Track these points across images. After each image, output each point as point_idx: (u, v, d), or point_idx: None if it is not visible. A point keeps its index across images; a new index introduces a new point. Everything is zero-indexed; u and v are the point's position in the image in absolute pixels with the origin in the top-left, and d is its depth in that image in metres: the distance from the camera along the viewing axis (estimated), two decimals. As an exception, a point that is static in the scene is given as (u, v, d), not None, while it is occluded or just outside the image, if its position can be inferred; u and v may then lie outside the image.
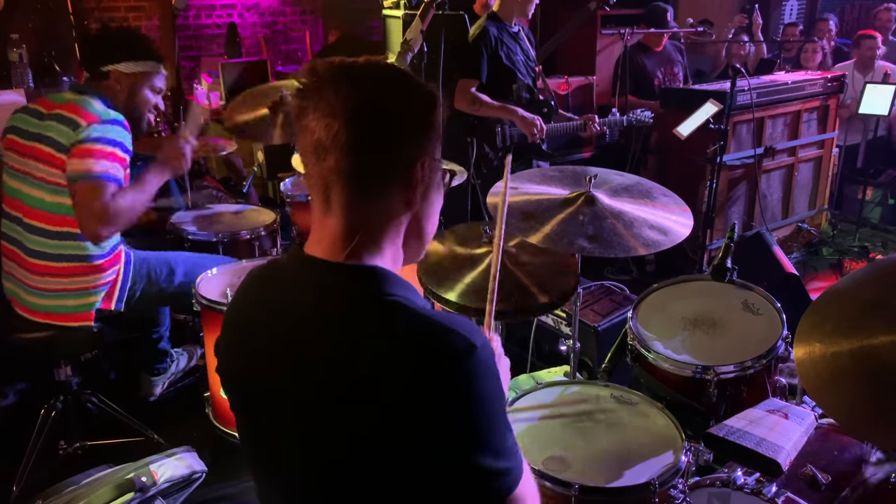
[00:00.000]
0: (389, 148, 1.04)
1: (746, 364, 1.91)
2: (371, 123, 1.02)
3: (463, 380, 0.95)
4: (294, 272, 1.11)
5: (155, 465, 2.04)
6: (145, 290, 2.68)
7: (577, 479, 1.61)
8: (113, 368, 3.27)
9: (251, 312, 1.14)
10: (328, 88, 1.02)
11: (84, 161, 2.34)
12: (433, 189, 1.12)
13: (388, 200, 1.06)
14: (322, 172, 1.04)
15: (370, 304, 1.02)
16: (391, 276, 1.06)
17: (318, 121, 1.01)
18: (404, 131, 1.05)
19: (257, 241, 3.16)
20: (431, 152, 1.09)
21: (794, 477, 1.78)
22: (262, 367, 1.08)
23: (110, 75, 2.54)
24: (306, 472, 1.05)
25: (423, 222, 1.14)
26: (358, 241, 1.05)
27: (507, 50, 3.64)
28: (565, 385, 2.02)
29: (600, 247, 1.98)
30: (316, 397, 1.00)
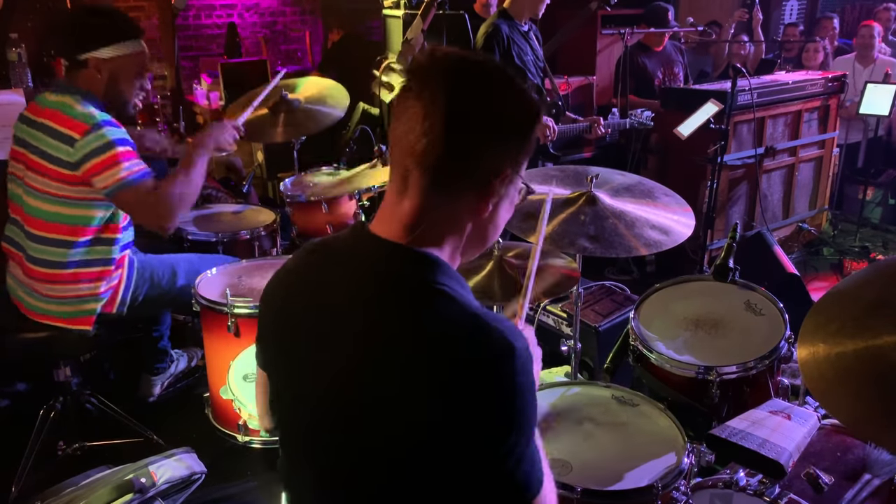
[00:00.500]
0: (478, 153, 1.04)
1: (749, 364, 1.91)
2: (467, 124, 1.02)
3: (501, 379, 0.96)
4: (356, 247, 1.12)
5: (154, 466, 2.03)
6: (148, 293, 2.66)
7: (580, 481, 1.60)
8: (112, 369, 3.26)
9: (300, 284, 1.15)
10: (437, 76, 1.02)
11: (108, 174, 2.31)
12: (506, 201, 1.12)
13: (461, 201, 1.07)
14: (407, 155, 1.04)
15: (417, 289, 1.03)
16: (445, 267, 1.07)
17: (419, 105, 1.02)
18: (496, 141, 1.05)
19: (257, 241, 3.15)
20: (517, 165, 1.09)
21: (796, 478, 1.77)
22: (306, 339, 1.09)
23: (88, 63, 2.41)
24: (337, 452, 1.06)
25: (487, 231, 1.14)
26: (423, 230, 1.06)
27: (519, 49, 3.61)
28: (567, 386, 2.01)
29: (601, 247, 1.97)
30: (355, 376, 1.01)
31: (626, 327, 2.13)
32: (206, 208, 3.49)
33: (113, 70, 2.43)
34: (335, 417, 1.05)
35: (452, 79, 1.02)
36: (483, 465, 0.97)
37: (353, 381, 1.02)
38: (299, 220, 3.31)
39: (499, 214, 1.13)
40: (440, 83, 1.01)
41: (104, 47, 2.40)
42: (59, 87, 2.45)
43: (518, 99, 1.07)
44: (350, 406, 1.03)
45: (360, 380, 1.01)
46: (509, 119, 1.05)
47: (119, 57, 2.43)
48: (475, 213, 1.08)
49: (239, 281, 2.60)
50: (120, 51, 2.43)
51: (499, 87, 1.05)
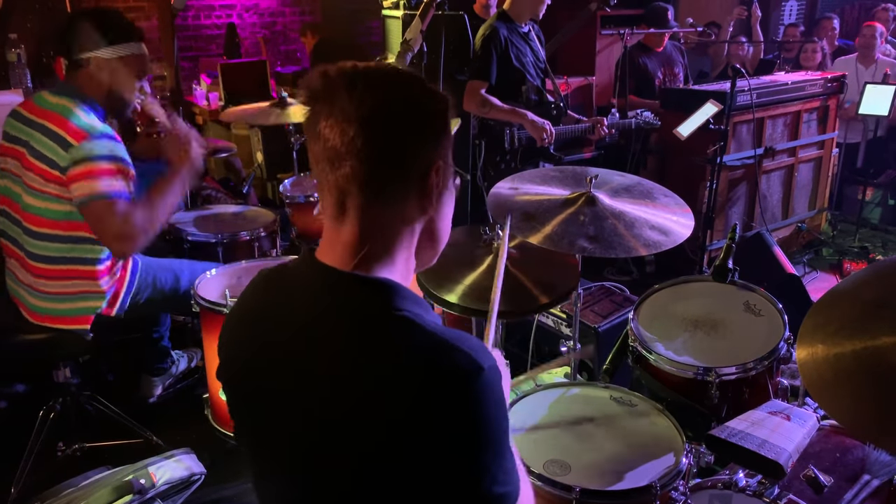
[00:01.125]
0: (406, 153, 1.02)
1: (748, 365, 1.91)
2: (387, 128, 1.00)
3: (468, 401, 0.94)
4: (304, 278, 1.09)
5: (154, 467, 2.03)
6: (150, 296, 2.66)
7: (578, 482, 1.60)
8: (112, 370, 3.26)
9: (256, 314, 1.13)
10: (341, 93, 0.99)
11: (86, 183, 2.30)
12: (446, 193, 1.11)
13: (404, 206, 1.05)
14: (337, 180, 1.01)
15: (378, 319, 1.00)
16: (401, 290, 1.04)
17: (331, 127, 0.99)
18: (420, 136, 1.03)
19: (257, 241, 3.16)
20: (445, 156, 1.07)
21: (796, 479, 1.77)
22: (264, 372, 1.07)
23: (89, 63, 2.40)
24: (308, 484, 1.04)
25: (438, 227, 1.12)
26: (369, 250, 1.03)
27: (517, 51, 3.61)
28: (566, 387, 2.00)
29: (601, 247, 1.97)
30: (319, 411, 0.99)
31: (626, 328, 2.12)
32: (206, 209, 3.50)
33: (113, 71, 2.43)
34: (303, 457, 1.03)
35: (358, 90, 0.99)
36: (457, 486, 0.95)
37: (317, 420, 0.99)
38: (299, 220, 3.31)
39: (444, 209, 1.11)
40: (345, 97, 0.99)
41: (105, 48, 2.40)
42: (59, 88, 2.44)
43: (427, 92, 1.06)
44: (317, 445, 1.00)
45: (325, 417, 0.98)
46: (423, 110, 1.04)
47: (119, 58, 2.43)
48: (422, 212, 1.06)
49: (238, 282, 2.61)
50: (120, 52, 2.42)
51: (402, 83, 1.04)
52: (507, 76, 3.57)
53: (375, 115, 0.99)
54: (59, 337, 2.51)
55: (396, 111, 1.01)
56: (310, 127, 1.02)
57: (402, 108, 1.02)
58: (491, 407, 0.95)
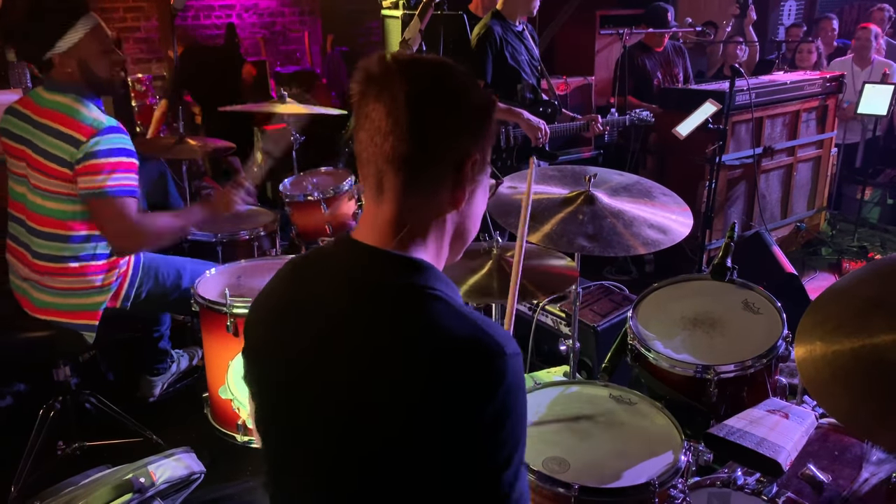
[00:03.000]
0: (445, 140, 1.05)
1: (747, 363, 1.91)
2: (430, 113, 1.03)
3: (493, 383, 0.96)
4: (338, 256, 1.12)
5: (153, 465, 2.03)
6: (151, 291, 2.67)
7: (577, 479, 1.60)
8: (111, 369, 3.26)
9: (289, 297, 1.15)
10: (393, 77, 1.03)
11: (95, 178, 2.30)
12: (479, 190, 1.13)
13: (438, 193, 1.07)
14: (377, 158, 1.05)
15: (411, 297, 1.03)
16: (435, 271, 1.07)
17: (378, 109, 1.03)
18: (461, 125, 1.06)
19: (256, 241, 3.16)
20: (483, 151, 1.10)
21: (794, 477, 1.78)
22: (295, 352, 1.09)
23: (53, 62, 2.30)
24: (330, 461, 1.06)
25: (468, 223, 1.15)
26: (406, 232, 1.07)
27: (512, 49, 3.62)
28: (565, 385, 2.01)
29: (600, 246, 1.98)
30: (349, 387, 1.01)
31: (625, 326, 2.13)
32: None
33: (78, 58, 2.32)
34: (331, 431, 1.04)
35: (407, 75, 1.03)
36: (473, 469, 0.96)
37: (349, 394, 1.01)
38: (299, 220, 3.31)
39: (476, 203, 1.14)
40: (396, 82, 1.02)
41: (59, 40, 2.28)
42: (50, 84, 2.39)
43: (472, 85, 1.09)
44: (347, 420, 1.02)
45: (357, 392, 1.00)
46: (468, 103, 1.07)
47: (77, 44, 2.30)
48: (452, 205, 1.09)
49: (238, 281, 2.61)
50: (76, 36, 2.29)
51: (453, 75, 1.07)
52: (502, 75, 3.58)
53: (421, 98, 1.02)
54: (61, 333, 2.51)
55: (442, 98, 1.05)
56: (360, 108, 1.06)
57: (448, 97, 1.05)
58: (514, 392, 0.98)
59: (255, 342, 1.20)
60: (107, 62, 2.39)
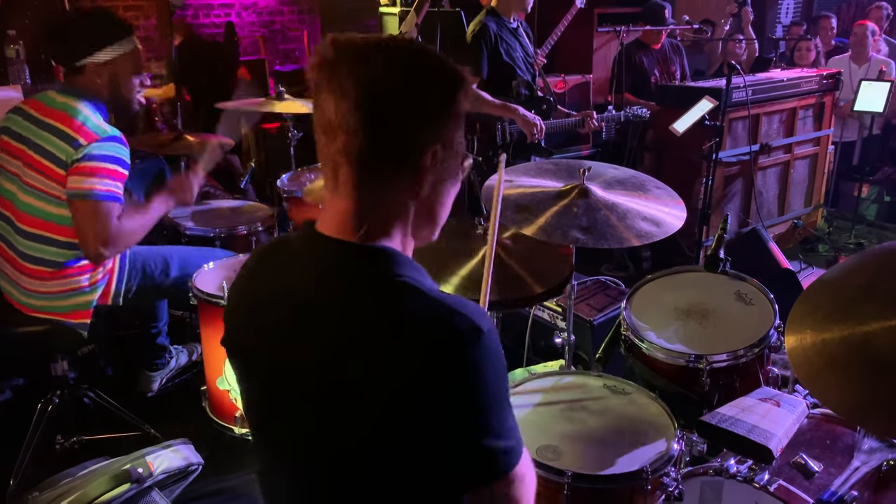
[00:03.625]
0: (398, 133, 1.01)
1: (739, 353, 1.93)
2: (380, 106, 0.99)
3: (469, 361, 0.96)
4: (304, 248, 1.11)
5: (151, 456, 2.04)
6: (141, 284, 2.68)
7: (570, 466, 1.62)
8: (109, 363, 3.27)
9: (260, 286, 1.14)
10: (342, 66, 0.99)
11: (86, 179, 2.30)
12: (447, 176, 1.09)
13: (395, 185, 1.05)
14: (331, 152, 1.03)
15: (379, 284, 1.02)
16: (400, 257, 1.06)
17: (329, 100, 1.00)
18: (416, 116, 1.02)
19: (254, 236, 3.18)
20: (448, 139, 1.05)
21: (786, 465, 1.79)
22: (270, 342, 1.09)
23: (86, 69, 2.40)
24: (314, 448, 1.06)
25: (435, 209, 1.12)
26: (367, 222, 1.05)
27: (507, 46, 3.65)
28: (560, 375, 2.02)
29: (594, 238, 1.99)
30: (323, 374, 1.01)
31: (618, 318, 2.14)
32: (204, 204, 3.51)
33: (111, 72, 2.42)
34: (309, 417, 1.05)
35: (359, 63, 0.99)
36: (461, 443, 0.98)
37: (324, 381, 1.01)
38: (297, 215, 3.32)
39: (443, 192, 1.10)
40: (348, 70, 0.98)
41: (99, 51, 2.39)
42: (64, 87, 2.45)
43: (435, 70, 1.04)
44: (326, 405, 1.02)
45: (332, 379, 1.00)
46: (427, 93, 1.02)
47: (115, 59, 2.42)
48: (413, 194, 1.06)
49: (236, 275, 2.62)
50: (115, 52, 2.41)
51: (412, 62, 1.03)
52: (497, 71, 3.61)
53: (370, 90, 0.98)
54: (57, 329, 2.51)
55: (392, 88, 1.00)
56: (315, 97, 1.03)
57: (399, 86, 1.00)
58: (491, 367, 0.98)
59: (231, 331, 1.20)
60: (133, 85, 2.50)
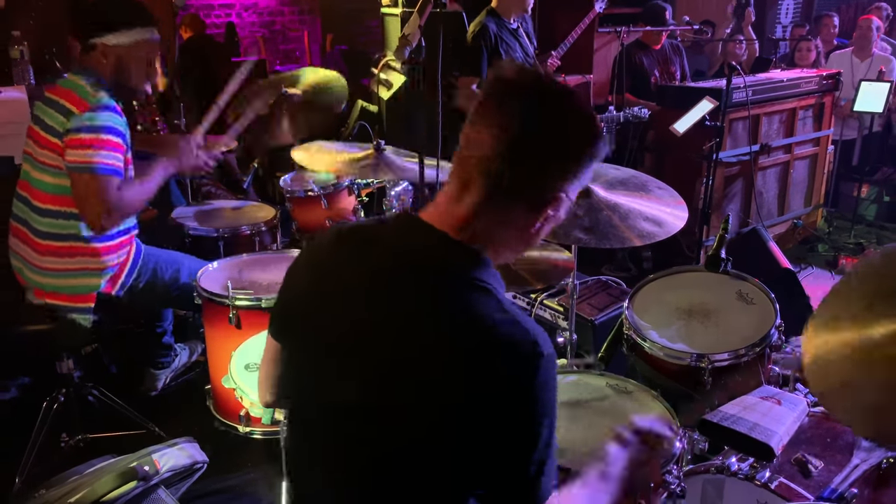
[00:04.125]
0: (541, 173, 1.07)
1: (740, 352, 1.94)
2: (537, 144, 1.05)
3: (538, 381, 1.00)
4: (400, 233, 1.14)
5: (157, 454, 2.06)
6: (149, 282, 2.70)
7: (573, 464, 1.63)
8: (114, 362, 3.29)
9: (339, 262, 1.17)
10: (520, 93, 1.06)
11: (81, 152, 2.33)
12: (553, 220, 1.15)
13: (513, 214, 1.11)
14: (472, 162, 1.08)
15: (465, 282, 1.06)
16: (491, 267, 1.11)
17: (497, 117, 1.06)
18: (561, 163, 1.08)
19: (258, 236, 3.19)
20: (570, 190, 1.11)
21: (787, 463, 1.81)
22: (345, 316, 1.11)
23: (96, 48, 2.43)
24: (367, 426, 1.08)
25: (529, 242, 1.18)
26: (476, 228, 1.09)
27: (507, 46, 3.67)
28: (562, 374, 2.04)
29: (596, 238, 2.01)
30: (392, 356, 1.04)
31: (620, 317, 2.16)
32: (207, 204, 3.53)
33: (119, 56, 2.44)
34: (365, 402, 1.07)
35: (532, 99, 1.05)
36: (505, 462, 1.01)
37: (389, 365, 1.04)
38: (299, 215, 3.35)
39: (544, 230, 1.16)
40: (520, 101, 1.05)
41: (110, 34, 2.41)
42: (78, 68, 2.49)
43: (585, 126, 1.10)
44: (383, 392, 1.05)
45: (397, 363, 1.04)
46: (574, 146, 1.09)
47: (126, 45, 2.44)
48: (524, 229, 1.12)
49: (240, 274, 2.64)
50: (127, 38, 2.43)
51: (571, 114, 1.09)
52: None
53: (534, 129, 1.04)
54: (59, 326, 2.53)
55: (551, 136, 1.06)
56: (480, 106, 1.09)
57: (557, 136, 1.07)
58: (547, 390, 1.02)
59: (291, 304, 1.23)
60: (143, 73, 2.52)
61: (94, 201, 2.36)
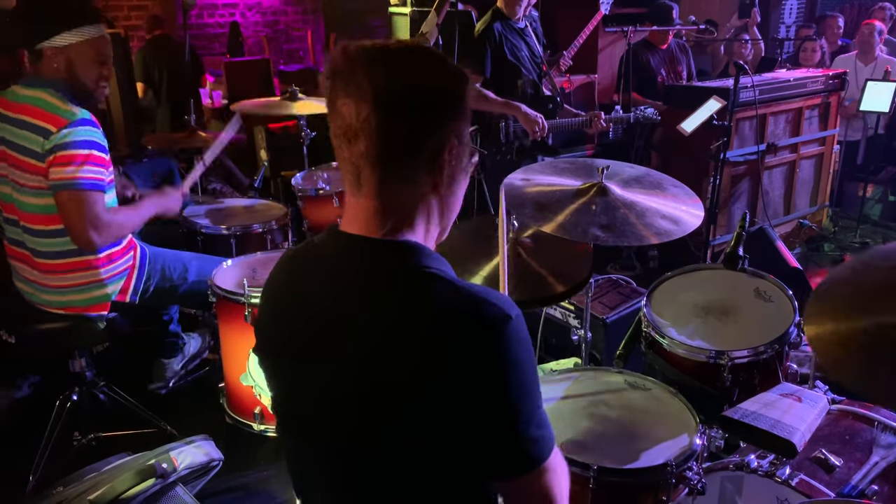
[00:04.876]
0: (418, 134, 1.04)
1: (760, 349, 1.94)
2: (399, 109, 1.02)
3: (500, 348, 0.99)
4: (331, 248, 1.13)
5: (175, 451, 2.07)
6: (159, 284, 2.69)
7: (595, 460, 1.64)
8: (126, 361, 3.29)
9: (290, 289, 1.17)
10: (358, 71, 1.02)
11: (64, 169, 2.28)
12: (460, 172, 1.13)
13: (417, 183, 1.08)
14: (352, 157, 1.05)
15: (408, 277, 1.05)
16: (425, 250, 1.09)
17: (347, 105, 1.02)
18: (433, 117, 1.05)
19: (269, 234, 3.19)
20: (460, 135, 1.09)
21: (806, 460, 1.81)
22: (306, 344, 1.11)
23: (44, 54, 2.31)
24: (352, 441, 1.08)
25: (451, 203, 1.16)
26: (392, 220, 1.08)
27: (512, 46, 3.66)
28: (580, 371, 2.04)
29: (614, 236, 2.01)
30: (361, 370, 1.03)
31: (638, 314, 2.16)
32: (218, 203, 3.53)
33: (69, 59, 2.33)
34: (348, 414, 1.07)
35: (374, 68, 1.02)
36: (496, 430, 1.00)
37: (360, 379, 1.03)
38: (311, 213, 3.34)
39: (457, 186, 1.14)
40: (363, 75, 1.01)
41: (56, 35, 2.29)
42: (29, 80, 2.37)
43: (442, 70, 1.07)
44: (360, 403, 1.04)
45: (367, 375, 1.02)
46: (440, 92, 1.05)
47: (74, 45, 2.32)
48: (434, 190, 1.09)
49: (253, 273, 2.64)
50: (74, 38, 2.32)
51: (421, 63, 1.06)
52: (502, 70, 3.63)
53: (389, 94, 1.01)
54: (77, 325, 2.53)
55: (410, 92, 1.03)
56: (330, 102, 1.06)
57: (417, 89, 1.03)
58: (522, 353, 1.01)
59: (261, 338, 1.22)
60: (96, 74, 2.40)
61: (78, 217, 2.31)
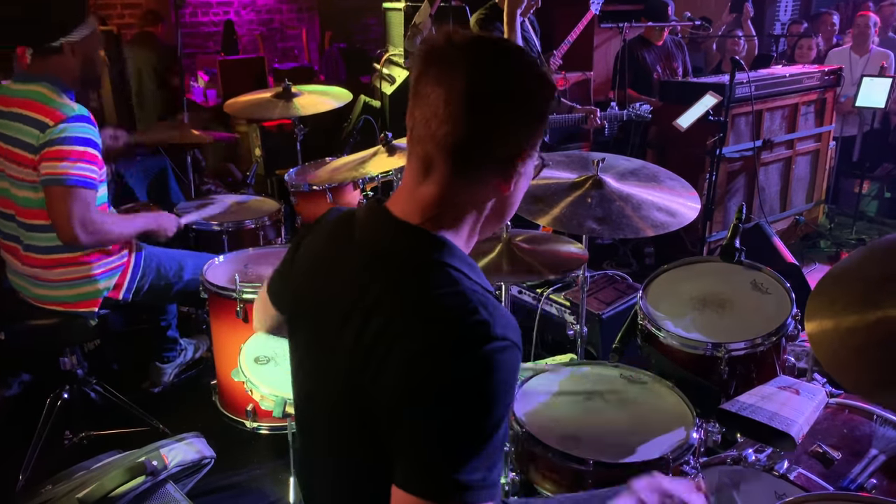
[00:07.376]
0: (501, 133, 1.03)
1: (757, 341, 1.93)
2: (490, 105, 1.01)
3: (459, 367, 0.93)
4: (367, 223, 1.13)
5: (165, 449, 2.04)
6: (154, 283, 2.67)
7: (591, 454, 1.62)
8: (118, 359, 3.26)
9: (327, 252, 1.19)
10: (457, 59, 1.01)
11: (58, 164, 2.27)
12: (524, 178, 1.12)
13: (484, 183, 1.07)
14: (429, 141, 1.03)
15: (424, 267, 1.03)
16: (456, 250, 1.07)
17: (439, 90, 1.01)
18: (518, 122, 1.04)
19: (262, 230, 3.17)
20: (535, 144, 1.09)
21: (804, 454, 1.79)
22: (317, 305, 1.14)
23: (63, 49, 2.35)
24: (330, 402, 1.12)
25: (506, 208, 1.15)
26: (440, 214, 1.07)
27: None
28: (576, 366, 2.02)
29: (609, 228, 1.99)
30: (353, 342, 1.03)
31: (634, 308, 2.14)
32: (210, 199, 3.51)
33: (84, 50, 2.40)
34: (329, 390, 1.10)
35: (471, 61, 1.00)
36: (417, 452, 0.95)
37: (347, 354, 1.03)
38: (304, 209, 3.32)
39: (518, 191, 1.13)
40: (459, 66, 1.00)
41: (75, 30, 2.36)
42: (25, 76, 2.39)
43: (535, 76, 1.06)
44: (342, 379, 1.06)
45: (356, 347, 1.02)
46: (529, 98, 1.04)
47: (87, 37, 2.40)
48: (497, 193, 1.09)
49: (245, 269, 2.62)
50: (87, 30, 2.40)
51: (517, 66, 1.04)
52: None
53: (482, 90, 1.00)
54: (67, 321, 2.51)
55: (502, 93, 1.02)
56: (418, 84, 1.04)
57: (508, 91, 1.02)
58: (494, 381, 0.94)
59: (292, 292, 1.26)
60: (100, 60, 2.53)
61: (67, 213, 2.29)
